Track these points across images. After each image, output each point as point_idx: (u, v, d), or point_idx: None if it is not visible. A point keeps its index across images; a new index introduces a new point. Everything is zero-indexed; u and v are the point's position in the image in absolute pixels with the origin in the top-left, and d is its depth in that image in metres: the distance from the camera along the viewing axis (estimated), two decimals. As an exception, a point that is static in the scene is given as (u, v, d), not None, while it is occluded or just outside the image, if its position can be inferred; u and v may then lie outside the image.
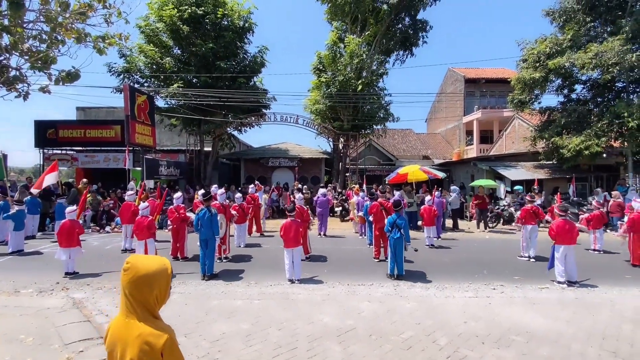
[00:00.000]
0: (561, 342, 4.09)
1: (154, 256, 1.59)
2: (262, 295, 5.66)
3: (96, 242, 10.05)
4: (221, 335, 4.15)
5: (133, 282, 1.45)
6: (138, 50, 16.82)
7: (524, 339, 4.12)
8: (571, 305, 5.36)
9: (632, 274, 7.26)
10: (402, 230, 6.65)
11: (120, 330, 1.47)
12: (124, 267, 1.47)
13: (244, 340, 4.01)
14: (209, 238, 6.68)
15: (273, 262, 7.94)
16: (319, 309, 5.07)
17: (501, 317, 4.82)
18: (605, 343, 4.06)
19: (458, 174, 21.00)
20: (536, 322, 4.62)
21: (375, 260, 8.15)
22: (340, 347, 3.86)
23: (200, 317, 4.71)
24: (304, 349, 3.83)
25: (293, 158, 21.13)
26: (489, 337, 4.16)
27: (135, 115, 13.79)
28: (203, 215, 6.73)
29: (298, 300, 5.43)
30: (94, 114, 22.26)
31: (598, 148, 13.31)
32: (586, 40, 14.44)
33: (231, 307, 5.10)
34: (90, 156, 18.66)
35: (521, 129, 21.00)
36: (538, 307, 5.20)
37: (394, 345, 3.93)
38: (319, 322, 4.58)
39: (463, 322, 4.60)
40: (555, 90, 16.02)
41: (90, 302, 5.27)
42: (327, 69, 18.47)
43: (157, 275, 1.49)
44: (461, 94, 27.20)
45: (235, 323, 4.50)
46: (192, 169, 18.70)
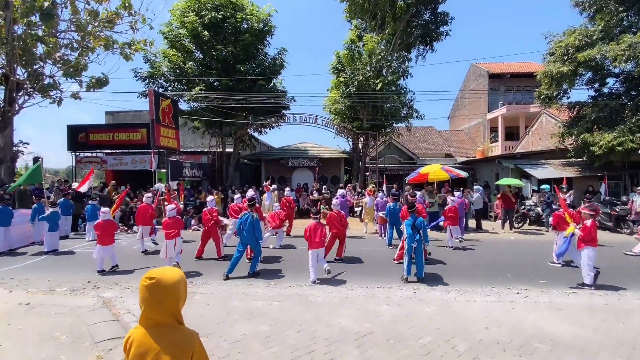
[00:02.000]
0: (588, 350, 3.95)
1: (169, 267, 1.68)
2: (282, 297, 5.74)
3: (124, 242, 10.47)
4: (241, 336, 4.25)
5: (163, 293, 1.54)
6: (162, 56, 17.37)
7: (547, 347, 4.00)
8: (600, 311, 5.14)
9: (669, 278, 6.87)
10: (422, 232, 6.58)
11: (147, 340, 1.54)
12: (149, 282, 1.54)
13: (263, 342, 4.09)
14: (251, 242, 6.89)
15: (292, 264, 8.06)
16: (338, 311, 5.10)
17: (524, 323, 4.69)
18: (636, 353, 3.88)
19: (482, 173, 20.46)
20: (561, 329, 4.47)
21: (395, 262, 8.09)
22: (357, 351, 3.88)
23: (222, 317, 4.84)
24: (321, 352, 3.87)
25: (313, 158, 21.22)
26: (511, 344, 4.07)
27: (160, 119, 14.26)
28: (245, 219, 6.90)
29: (317, 303, 5.48)
30: (122, 118, 23.18)
31: (632, 144, 12.64)
32: (619, 31, 13.73)
33: (251, 308, 5.21)
34: (119, 158, 19.43)
35: (549, 125, 20.21)
36: (564, 313, 5.02)
37: (412, 350, 3.91)
38: (337, 325, 4.61)
39: (484, 328, 4.51)
40: (585, 84, 15.31)
41: (119, 302, 5.52)
42: (346, 68, 18.43)
43: (181, 284, 1.60)
44: (485, 90, 26.44)
45: (255, 324, 4.60)
46: (214, 170, 19.14)
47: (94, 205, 10.34)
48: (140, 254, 9.00)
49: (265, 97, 17.66)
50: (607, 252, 8.99)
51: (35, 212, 9.59)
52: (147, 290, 1.53)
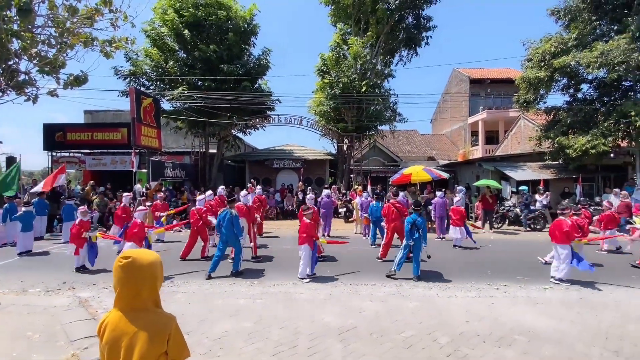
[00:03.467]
0: (564, 341, 4.07)
1: (145, 249, 1.64)
2: (265, 295, 5.70)
3: (103, 243, 10.15)
4: (223, 333, 4.19)
5: (139, 273, 1.49)
6: (144, 54, 17.05)
7: (526, 339, 4.11)
8: (575, 305, 5.32)
9: (639, 274, 7.17)
10: (421, 231, 6.66)
11: (123, 323, 1.50)
12: (124, 261, 1.50)
13: (246, 339, 4.05)
14: (230, 239, 6.80)
15: (276, 262, 8.02)
16: (321, 308, 5.10)
17: (504, 316, 4.80)
18: (608, 343, 4.03)
19: (463, 175, 20.89)
20: (539, 322, 4.60)
21: (379, 260, 8.15)
22: (341, 345, 3.89)
23: (204, 315, 4.76)
24: (304, 347, 3.86)
25: (297, 159, 21.17)
26: (491, 336, 4.15)
27: (141, 118, 13.95)
28: (224, 216, 6.83)
29: (300, 300, 5.46)
30: (101, 117, 22.57)
31: (605, 147, 13.17)
32: (592, 39, 14.32)
33: (234, 306, 5.14)
34: (98, 159, 18.90)
35: (527, 129, 20.85)
36: (541, 307, 5.17)
37: (395, 343, 3.94)
38: (320, 321, 4.60)
39: (465, 322, 4.59)
40: (561, 90, 15.89)
41: (96, 301, 5.36)
42: (331, 70, 18.54)
43: (157, 265, 1.56)
44: (466, 94, 27.08)
45: (238, 322, 4.54)
46: (197, 170, 18.84)
47: (71, 205, 10.02)
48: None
49: (249, 98, 17.55)
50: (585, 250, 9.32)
51: (7, 212, 9.21)
52: (123, 270, 1.49)
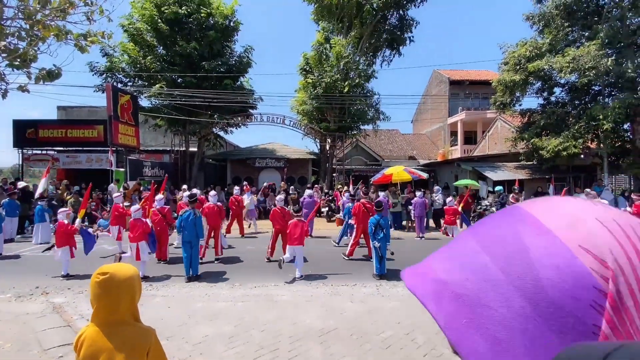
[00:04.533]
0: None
1: (123, 263, 1.64)
2: (246, 297, 5.69)
3: (79, 245, 9.85)
4: (203, 337, 4.17)
5: (116, 289, 1.49)
6: (121, 50, 16.57)
7: (498, 336, 4.28)
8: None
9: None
10: (385, 231, 6.79)
11: (100, 339, 1.49)
12: (101, 277, 1.50)
13: (226, 342, 4.04)
14: (193, 240, 6.70)
15: (258, 264, 8.00)
16: (303, 310, 5.14)
17: (478, 315, 4.98)
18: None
19: (442, 175, 21.37)
20: (511, 320, 4.80)
21: (345, 257, 8.39)
22: (321, 347, 3.94)
23: (183, 319, 4.72)
24: (285, 349, 3.89)
25: (280, 158, 21.12)
26: (466, 334, 4.31)
27: (118, 115, 13.59)
28: (187, 217, 6.73)
29: (282, 302, 5.48)
30: (76, 114, 21.78)
31: (575, 149, 13.78)
32: (564, 44, 14.92)
33: (214, 309, 5.12)
34: (72, 156, 18.29)
35: (503, 130, 21.50)
36: (514, 305, 5.39)
37: (374, 344, 4.03)
38: (302, 323, 4.64)
39: (442, 321, 4.73)
40: (536, 93, 16.49)
41: (71, 307, 5.21)
42: (314, 69, 18.55)
43: (136, 279, 1.56)
44: (446, 95, 27.65)
45: (218, 325, 4.53)
46: (177, 169, 18.49)
47: (43, 207, 9.67)
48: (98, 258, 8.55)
49: (231, 96, 17.35)
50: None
51: (-26, 214, 8.80)
52: (100, 287, 1.49)
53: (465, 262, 0.46)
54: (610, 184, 17.73)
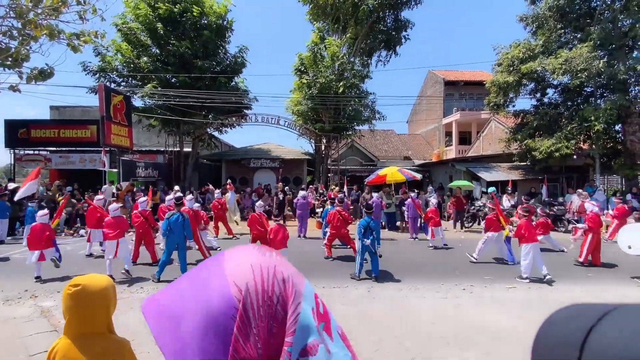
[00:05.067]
0: (524, 341, 4.25)
1: (96, 274, 1.61)
2: (237, 300, 5.67)
3: (69, 247, 9.78)
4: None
5: (90, 301, 1.48)
6: (114, 49, 16.46)
7: (487, 339, 4.30)
8: (535, 304, 5.60)
9: (594, 272, 7.62)
10: (375, 233, 6.81)
11: (73, 352, 1.48)
12: (73, 289, 1.48)
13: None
14: (181, 242, 6.68)
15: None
16: (293, 312, 5.12)
17: (468, 317, 5.00)
18: (562, 341, 4.27)
19: (437, 175, 21.45)
20: (501, 322, 4.82)
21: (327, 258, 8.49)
22: (310, 352, 3.93)
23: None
24: (274, 354, 3.88)
25: (275, 159, 21.09)
26: (455, 337, 4.32)
27: (110, 115, 13.50)
28: (175, 220, 6.70)
29: (272, 305, 5.47)
30: (69, 114, 21.62)
31: (568, 150, 13.88)
32: (557, 46, 15.02)
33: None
34: (65, 157, 18.17)
35: (497, 131, 21.62)
36: (504, 307, 5.42)
37: (362, 347, 4.03)
38: (291, 326, 4.63)
39: (431, 324, 4.75)
40: (529, 94, 16.59)
41: (59, 311, 5.15)
42: (309, 70, 18.53)
43: (110, 290, 1.55)
44: (441, 96, 27.74)
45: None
46: (171, 170, 18.40)
47: (33, 208, 9.57)
48: (85, 258, 8.50)
49: (225, 96, 17.30)
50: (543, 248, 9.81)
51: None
52: (72, 299, 1.47)
53: (178, 288, 0.61)
54: (603, 185, 17.89)
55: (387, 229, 13.30)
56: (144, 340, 4.16)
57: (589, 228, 7.98)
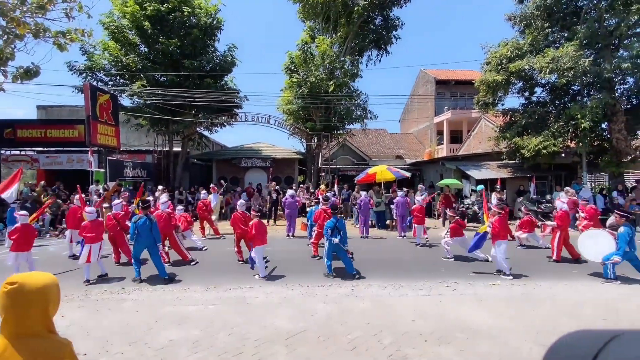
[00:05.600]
0: (500, 337, 4.29)
1: (40, 272, 1.56)
2: (219, 300, 5.62)
3: (53, 248, 9.65)
4: (168, 342, 4.10)
5: (26, 300, 1.43)
6: (101, 48, 16.26)
7: (465, 336, 4.30)
8: (517, 300, 5.63)
9: (578, 268, 7.68)
10: (342, 233, 6.84)
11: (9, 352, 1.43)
12: (9, 287, 1.43)
13: (190, 347, 3.97)
14: (149, 246, 6.61)
15: (236, 266, 7.91)
16: (274, 312, 5.09)
17: (449, 314, 5.00)
18: (539, 337, 4.29)
19: (428, 174, 21.51)
20: (480, 319, 4.83)
21: (314, 257, 8.47)
22: (286, 350, 3.90)
23: (150, 324, 4.63)
24: (249, 353, 3.84)
25: (266, 158, 21.01)
26: (433, 334, 4.32)
27: (97, 115, 13.32)
28: (143, 223, 6.61)
29: (254, 304, 5.43)
30: (56, 113, 21.31)
31: (555, 148, 13.97)
32: (544, 45, 15.10)
33: (184, 313, 5.04)
34: (52, 157, 17.92)
35: (487, 130, 21.74)
36: (485, 304, 5.43)
37: (340, 346, 4.01)
38: (271, 325, 4.60)
39: (411, 321, 4.74)
40: (517, 93, 16.68)
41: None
42: (299, 69, 18.48)
43: (51, 288, 1.49)
44: (432, 95, 27.85)
45: (185, 329, 4.46)
46: (160, 170, 18.23)
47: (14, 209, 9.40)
48: (68, 259, 8.37)
49: (215, 95, 17.18)
50: (530, 245, 9.88)
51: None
52: (8, 297, 1.42)
53: None
54: (590, 182, 18.07)
55: (376, 227, 13.31)
56: (119, 340, 4.11)
57: (557, 226, 8.09)
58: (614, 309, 5.24)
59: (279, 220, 14.90)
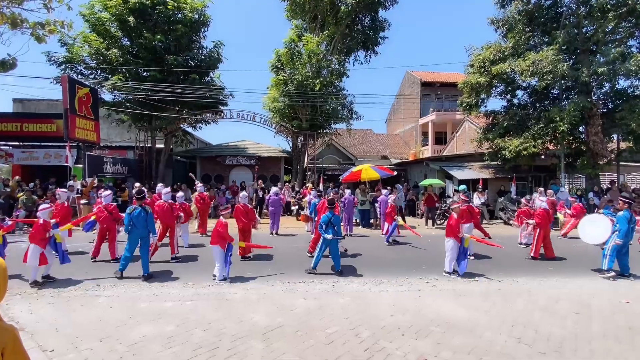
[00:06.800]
0: (476, 331, 4.35)
1: None
2: (196, 296, 5.52)
3: (25, 245, 9.28)
4: (141, 338, 3.99)
5: None
6: (82, 40, 15.81)
7: (442, 329, 4.34)
8: (493, 296, 5.72)
9: (554, 265, 7.88)
10: (336, 228, 6.81)
11: None
12: None
13: (164, 343, 3.88)
14: (144, 237, 6.45)
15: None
16: (253, 308, 5.03)
17: (427, 309, 5.04)
18: (514, 330, 4.37)
19: (413, 174, 21.74)
20: (457, 313, 4.89)
21: (308, 255, 8.30)
22: (262, 345, 3.86)
23: (123, 320, 4.50)
24: (225, 348, 3.78)
25: (252, 156, 20.86)
26: (410, 328, 4.34)
27: (75, 108, 12.94)
28: (138, 214, 6.47)
29: (233, 300, 5.35)
30: (34, 107, 20.65)
31: (535, 149, 14.32)
32: (525, 48, 15.46)
33: (160, 309, 4.92)
34: (28, 152, 17.31)
35: (470, 131, 22.13)
36: (462, 299, 5.50)
37: (317, 340, 3.99)
38: (248, 321, 4.54)
39: (390, 315, 4.76)
40: (499, 95, 17.01)
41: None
42: (286, 67, 18.40)
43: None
44: (417, 96, 28.17)
45: (160, 325, 4.35)
46: (142, 166, 17.85)
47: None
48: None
49: (200, 91, 16.94)
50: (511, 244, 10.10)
51: None
52: None
53: None
54: (568, 184, 18.59)
55: (360, 225, 13.36)
56: (89, 336, 3.99)
57: (537, 224, 8.30)
58: (587, 304, 5.37)
59: (263, 219, 14.78)
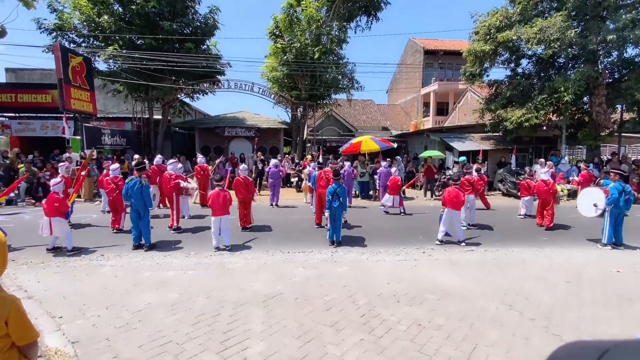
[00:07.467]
0: (470, 298, 4.50)
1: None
2: (198, 266, 5.66)
3: (28, 216, 9.43)
4: (145, 306, 4.14)
5: None
6: (72, 6, 15.20)
7: (436, 297, 4.49)
8: (488, 265, 5.86)
9: (548, 236, 8.02)
10: (342, 199, 6.84)
11: None
12: None
13: (168, 310, 4.03)
14: (140, 208, 6.52)
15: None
16: (253, 276, 5.18)
17: (423, 278, 5.19)
18: (506, 298, 4.51)
19: (413, 145, 21.63)
20: (452, 282, 5.03)
21: (316, 226, 8.42)
22: (262, 312, 4.00)
23: (128, 289, 4.65)
24: (226, 314, 3.93)
25: (251, 128, 20.66)
26: (406, 296, 4.49)
27: (69, 78, 12.65)
28: (133, 185, 6.51)
29: (233, 270, 5.50)
30: (27, 77, 20.18)
31: (537, 121, 14.14)
32: (533, 14, 14.87)
33: (163, 278, 5.07)
34: (25, 123, 17.14)
35: (473, 102, 21.76)
36: (458, 268, 5.64)
37: (315, 306, 4.13)
38: (249, 289, 4.68)
39: (386, 284, 4.90)
40: (503, 64, 16.57)
41: (10, 279, 5.01)
42: (284, 34, 17.79)
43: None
44: (420, 65, 27.45)
45: (163, 294, 4.50)
46: (140, 138, 17.73)
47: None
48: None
49: (196, 60, 16.49)
50: (509, 215, 10.23)
51: None
52: None
53: None
54: (569, 155, 18.54)
55: (360, 197, 13.47)
56: (96, 304, 4.13)
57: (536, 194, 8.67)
58: (578, 273, 5.52)
59: (263, 190, 14.87)
